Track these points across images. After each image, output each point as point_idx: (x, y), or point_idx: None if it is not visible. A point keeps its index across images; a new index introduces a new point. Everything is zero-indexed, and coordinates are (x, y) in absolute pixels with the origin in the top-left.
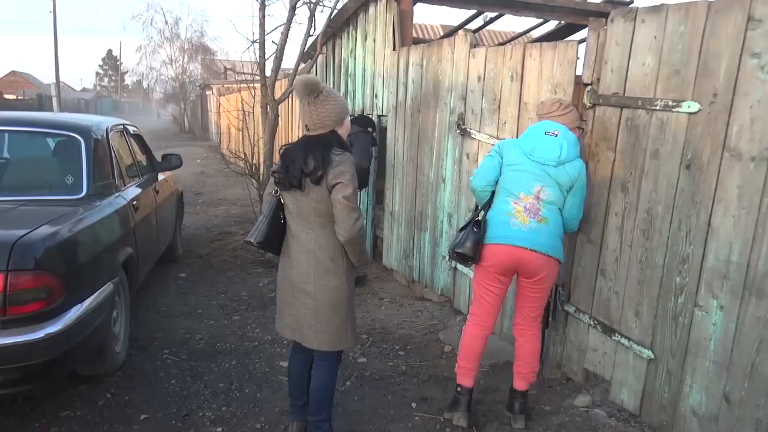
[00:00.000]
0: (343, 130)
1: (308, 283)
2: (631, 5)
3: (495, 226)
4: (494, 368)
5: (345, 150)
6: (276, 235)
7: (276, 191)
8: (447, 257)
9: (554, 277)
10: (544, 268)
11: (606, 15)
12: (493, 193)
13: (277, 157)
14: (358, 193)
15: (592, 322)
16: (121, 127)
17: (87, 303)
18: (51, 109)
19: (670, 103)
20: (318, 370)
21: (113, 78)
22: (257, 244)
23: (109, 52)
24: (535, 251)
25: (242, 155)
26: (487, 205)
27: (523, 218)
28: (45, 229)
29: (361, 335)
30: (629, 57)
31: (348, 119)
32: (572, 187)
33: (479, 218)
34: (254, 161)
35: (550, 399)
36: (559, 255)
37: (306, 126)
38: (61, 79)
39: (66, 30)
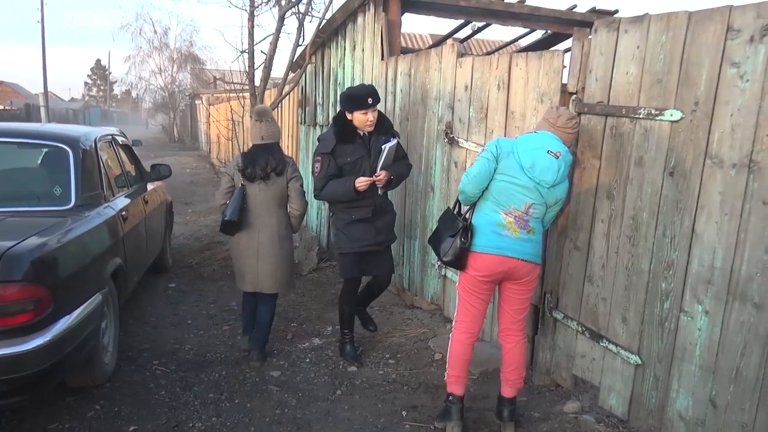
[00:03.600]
0: None
1: (273, 245)
2: (615, 15)
3: (486, 235)
4: (484, 375)
5: None
6: (242, 215)
7: (243, 184)
8: (436, 265)
9: (537, 279)
10: (531, 273)
11: (590, 24)
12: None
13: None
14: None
15: (580, 329)
16: (110, 137)
17: (75, 314)
18: (39, 120)
19: (653, 112)
20: (265, 308)
21: (102, 88)
22: (237, 220)
23: (98, 61)
24: (525, 261)
25: None
26: (472, 208)
27: (514, 229)
28: (33, 240)
29: None
30: (613, 66)
31: None
32: (555, 204)
33: (465, 224)
34: None
35: (539, 405)
36: (540, 260)
37: (262, 137)
38: (49, 89)
39: (55, 37)
